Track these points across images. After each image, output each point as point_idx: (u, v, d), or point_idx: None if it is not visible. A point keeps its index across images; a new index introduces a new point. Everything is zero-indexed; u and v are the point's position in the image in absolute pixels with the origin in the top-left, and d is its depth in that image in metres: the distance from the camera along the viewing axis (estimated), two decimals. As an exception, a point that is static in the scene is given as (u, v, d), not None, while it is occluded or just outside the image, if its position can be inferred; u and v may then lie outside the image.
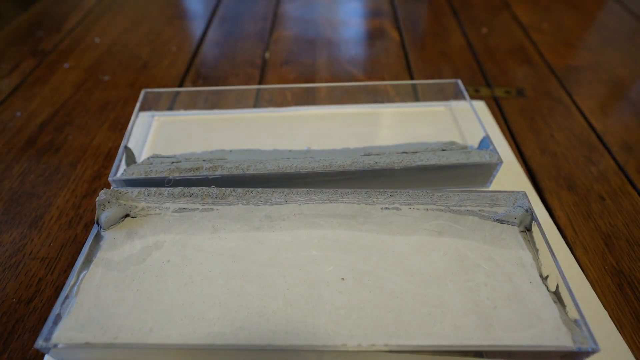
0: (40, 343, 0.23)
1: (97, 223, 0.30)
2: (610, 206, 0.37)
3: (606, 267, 0.32)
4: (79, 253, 0.28)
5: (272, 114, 0.46)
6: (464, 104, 0.43)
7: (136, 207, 0.31)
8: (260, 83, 0.53)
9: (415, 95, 0.48)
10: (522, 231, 0.31)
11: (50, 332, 0.24)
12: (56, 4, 0.69)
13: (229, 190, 0.32)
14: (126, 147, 0.36)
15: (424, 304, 0.26)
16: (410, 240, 0.30)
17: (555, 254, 0.28)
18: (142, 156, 0.39)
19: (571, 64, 0.57)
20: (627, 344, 0.27)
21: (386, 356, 0.25)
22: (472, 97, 0.50)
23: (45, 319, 0.24)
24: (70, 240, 0.33)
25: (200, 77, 0.53)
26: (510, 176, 0.39)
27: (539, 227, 0.30)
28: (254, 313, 0.26)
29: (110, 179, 0.32)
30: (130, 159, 0.37)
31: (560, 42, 0.62)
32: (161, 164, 0.35)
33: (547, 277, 0.28)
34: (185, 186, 0.32)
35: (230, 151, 0.39)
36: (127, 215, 0.31)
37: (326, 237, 0.30)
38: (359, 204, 0.32)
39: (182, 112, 0.46)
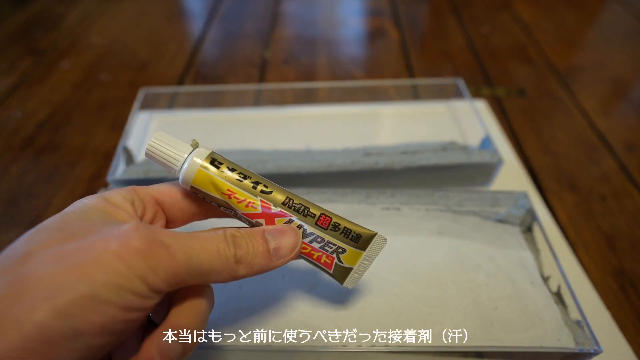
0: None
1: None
2: (612, 206, 0.37)
3: (608, 268, 0.32)
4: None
5: (272, 113, 0.45)
6: (465, 103, 0.43)
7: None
8: (260, 82, 0.53)
9: (415, 95, 0.48)
10: (523, 231, 0.31)
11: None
12: (54, 3, 0.69)
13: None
14: (125, 147, 0.36)
15: (424, 304, 0.26)
16: (410, 240, 0.30)
17: (557, 254, 0.28)
18: (141, 156, 0.39)
19: (572, 63, 0.57)
20: (630, 345, 0.27)
21: (386, 356, 0.25)
22: (473, 97, 0.50)
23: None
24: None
25: (199, 77, 0.53)
26: (511, 176, 0.39)
27: (540, 228, 0.30)
28: (254, 313, 0.25)
29: (108, 179, 0.32)
30: (130, 159, 0.36)
31: (562, 41, 0.62)
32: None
33: (548, 277, 0.28)
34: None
35: (230, 151, 0.39)
36: (126, 215, 0.31)
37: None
38: (359, 204, 0.32)
39: (181, 111, 0.45)
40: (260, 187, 0.20)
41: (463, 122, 0.43)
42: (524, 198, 0.31)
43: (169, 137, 0.20)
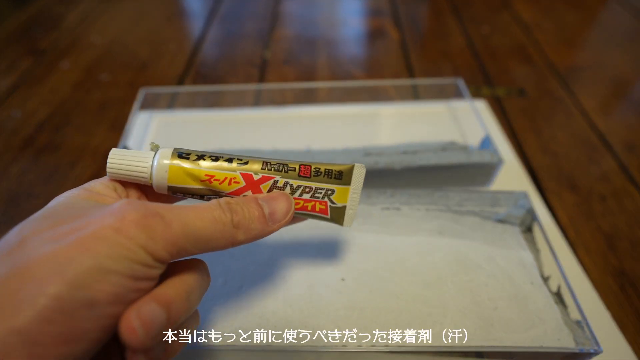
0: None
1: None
2: (612, 206, 0.37)
3: (608, 268, 0.32)
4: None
5: (272, 113, 0.45)
6: (465, 103, 0.43)
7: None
8: (260, 82, 0.53)
9: (415, 95, 0.48)
10: (523, 231, 0.31)
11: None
12: (55, 3, 0.69)
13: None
14: (125, 147, 0.36)
15: (424, 304, 0.26)
16: (410, 240, 0.30)
17: (557, 254, 0.28)
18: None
19: (572, 63, 0.57)
20: (630, 345, 0.27)
21: (386, 356, 0.25)
22: (473, 97, 0.50)
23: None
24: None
25: (199, 77, 0.53)
26: (511, 176, 0.39)
27: (540, 228, 0.30)
28: (254, 313, 0.25)
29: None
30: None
31: (562, 41, 0.62)
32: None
33: (548, 277, 0.28)
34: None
35: (230, 151, 0.39)
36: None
37: (326, 237, 0.30)
38: (359, 204, 0.32)
39: (181, 111, 0.45)
40: (235, 161, 0.20)
41: (463, 122, 0.43)
42: (524, 198, 0.31)
43: (125, 151, 0.19)
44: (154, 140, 0.41)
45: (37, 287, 0.13)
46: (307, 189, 0.21)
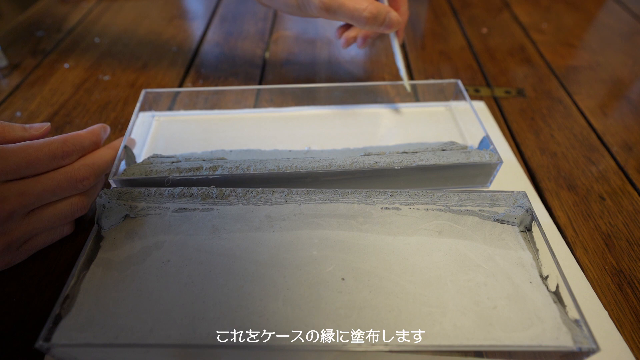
0: (40, 343, 0.23)
1: (97, 223, 0.30)
2: (611, 206, 0.37)
3: (606, 267, 0.32)
4: (79, 253, 0.28)
5: (272, 114, 0.46)
6: (464, 104, 0.43)
7: (136, 207, 0.31)
8: (260, 83, 0.53)
9: (415, 96, 0.48)
10: (522, 231, 0.31)
11: (50, 332, 0.24)
12: (56, 4, 0.69)
13: (229, 190, 0.32)
14: (126, 147, 0.36)
15: (424, 304, 0.26)
16: (410, 240, 0.30)
17: (556, 253, 0.28)
18: (142, 156, 0.39)
19: (571, 64, 0.57)
20: (627, 344, 0.27)
21: (386, 356, 0.25)
22: (472, 97, 0.50)
23: (45, 319, 0.24)
24: (70, 240, 0.33)
25: (200, 77, 0.53)
26: (510, 176, 0.39)
27: (539, 227, 0.30)
28: (254, 313, 0.26)
29: (110, 179, 0.32)
30: (130, 159, 0.37)
31: (560, 42, 0.62)
32: (161, 164, 0.35)
33: (547, 277, 0.28)
34: (185, 186, 0.32)
35: (230, 151, 0.39)
36: (127, 216, 0.31)
37: (326, 237, 0.30)
38: (359, 204, 0.32)
39: (182, 112, 0.45)
40: None
41: (462, 122, 0.44)
42: (523, 198, 0.32)
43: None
44: (155, 141, 0.41)
45: None
46: None
